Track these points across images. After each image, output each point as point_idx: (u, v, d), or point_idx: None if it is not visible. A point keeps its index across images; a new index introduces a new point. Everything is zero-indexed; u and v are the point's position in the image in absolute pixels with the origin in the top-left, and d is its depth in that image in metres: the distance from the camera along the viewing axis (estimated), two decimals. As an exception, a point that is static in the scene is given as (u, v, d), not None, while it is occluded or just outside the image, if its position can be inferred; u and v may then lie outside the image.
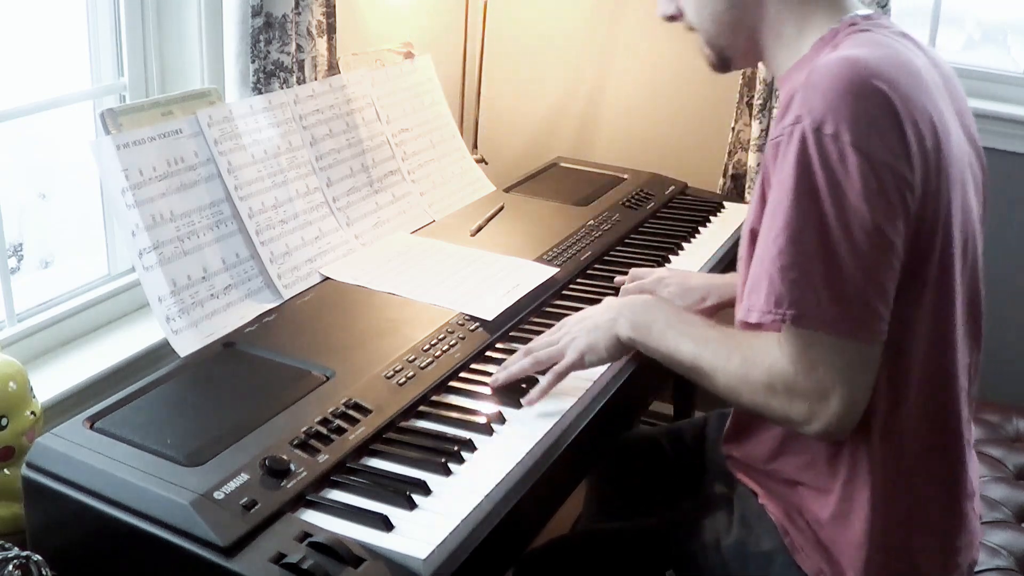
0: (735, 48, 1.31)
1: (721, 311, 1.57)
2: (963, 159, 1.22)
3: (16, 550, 1.10)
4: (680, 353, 1.25)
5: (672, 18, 1.36)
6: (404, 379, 1.34)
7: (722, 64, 1.36)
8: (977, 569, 1.55)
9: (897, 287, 1.13)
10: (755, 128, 2.32)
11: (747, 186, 2.36)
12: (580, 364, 1.33)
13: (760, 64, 1.33)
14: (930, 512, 1.25)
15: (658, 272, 1.66)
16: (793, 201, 1.09)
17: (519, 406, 1.34)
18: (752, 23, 1.27)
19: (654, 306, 1.33)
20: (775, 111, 1.20)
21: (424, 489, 1.15)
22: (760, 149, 2.34)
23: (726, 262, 1.91)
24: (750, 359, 1.17)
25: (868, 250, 1.08)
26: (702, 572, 1.37)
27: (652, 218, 2.04)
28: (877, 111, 1.08)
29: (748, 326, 1.18)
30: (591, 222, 1.94)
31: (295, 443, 1.18)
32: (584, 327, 1.34)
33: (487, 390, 1.37)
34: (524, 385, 1.37)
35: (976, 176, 1.27)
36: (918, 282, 1.15)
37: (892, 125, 1.09)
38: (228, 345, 1.41)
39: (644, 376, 1.52)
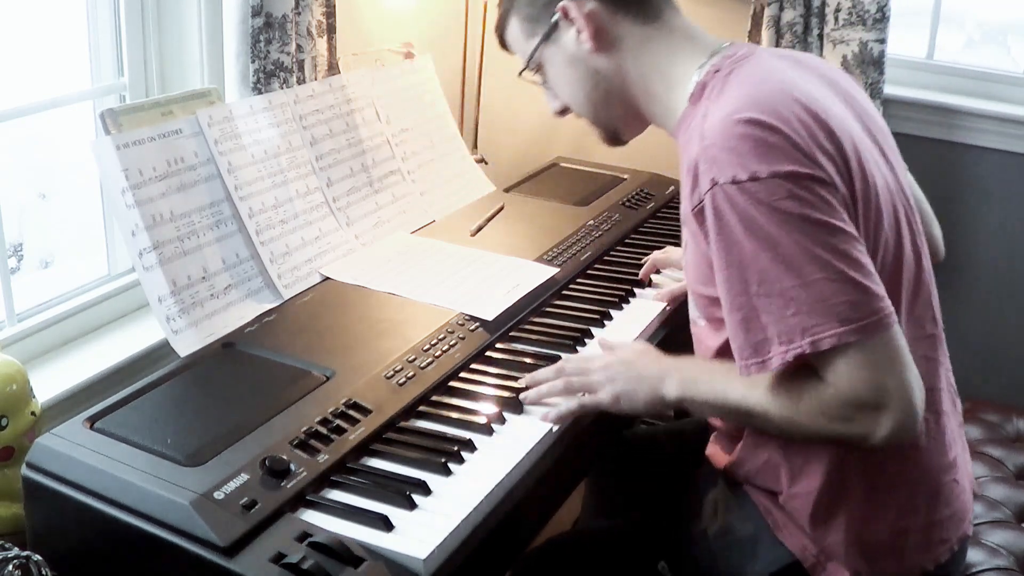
0: (617, 119, 1.38)
1: None
2: (863, 139, 1.23)
3: (16, 550, 1.10)
4: (729, 400, 1.22)
5: (562, 112, 1.44)
6: (404, 379, 1.34)
7: (613, 138, 1.42)
8: (977, 569, 1.55)
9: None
10: (755, 128, 2.32)
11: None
12: (612, 407, 1.31)
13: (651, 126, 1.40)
14: (904, 488, 1.26)
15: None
16: (752, 251, 1.11)
17: (519, 406, 1.34)
18: (621, 91, 1.34)
19: (696, 360, 1.34)
20: (682, 176, 1.24)
21: (424, 489, 1.15)
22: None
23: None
24: (795, 391, 1.15)
25: (840, 251, 1.10)
26: (692, 561, 1.39)
27: (652, 218, 2.04)
28: (775, 140, 1.11)
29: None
30: (591, 222, 1.94)
31: (295, 443, 1.18)
32: (628, 374, 1.31)
33: (487, 390, 1.37)
34: (523, 385, 1.37)
35: (876, 145, 1.28)
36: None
37: (787, 142, 1.11)
38: (228, 345, 1.41)
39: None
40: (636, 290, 1.70)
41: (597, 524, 1.66)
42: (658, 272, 1.74)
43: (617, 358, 1.34)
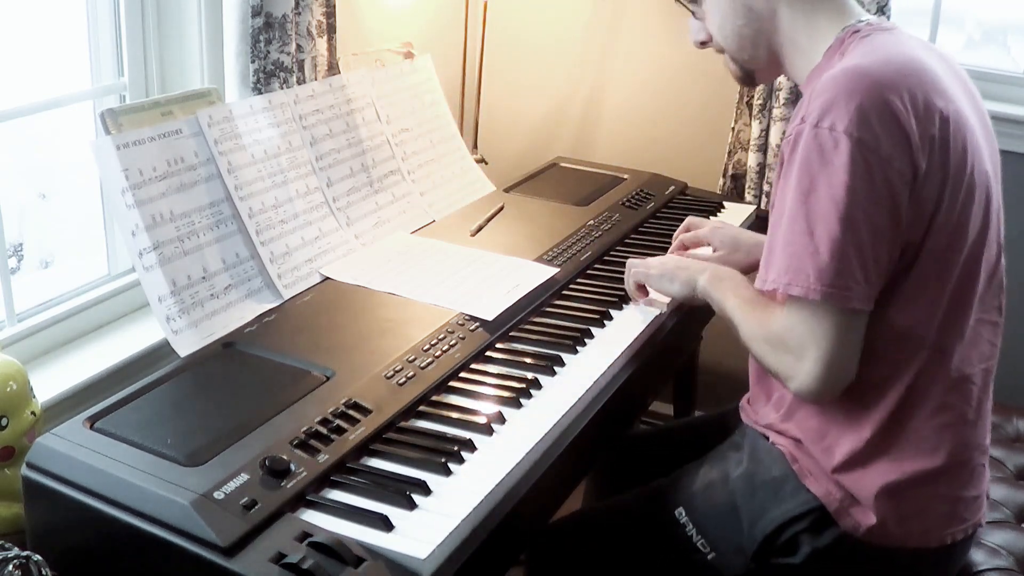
0: (757, 60, 1.42)
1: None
2: (983, 148, 1.31)
3: (16, 550, 1.10)
4: (726, 306, 1.39)
5: (703, 44, 1.47)
6: (404, 379, 1.34)
7: (747, 78, 1.47)
8: (977, 569, 1.55)
9: (912, 259, 1.24)
10: (755, 128, 2.32)
11: (747, 186, 2.36)
12: (652, 283, 1.56)
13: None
14: (943, 453, 1.30)
15: (713, 221, 1.80)
16: (795, 186, 1.22)
17: (519, 406, 1.34)
18: (769, 34, 1.38)
19: (731, 273, 1.47)
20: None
21: (424, 489, 1.15)
22: (760, 149, 2.34)
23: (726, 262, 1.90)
24: (762, 319, 1.31)
25: (859, 224, 1.18)
26: (711, 506, 1.42)
27: (652, 218, 2.04)
28: (872, 108, 1.18)
29: (765, 294, 1.33)
30: (591, 222, 1.94)
31: (295, 443, 1.18)
32: (674, 264, 1.53)
33: (487, 390, 1.38)
34: (523, 385, 1.38)
35: (986, 137, 1.36)
36: (936, 257, 1.25)
37: (889, 120, 1.18)
38: (228, 345, 1.41)
39: (644, 376, 1.52)
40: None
41: (606, 501, 1.67)
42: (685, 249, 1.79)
43: (668, 256, 1.59)
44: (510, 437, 1.28)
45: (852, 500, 1.31)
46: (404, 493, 1.14)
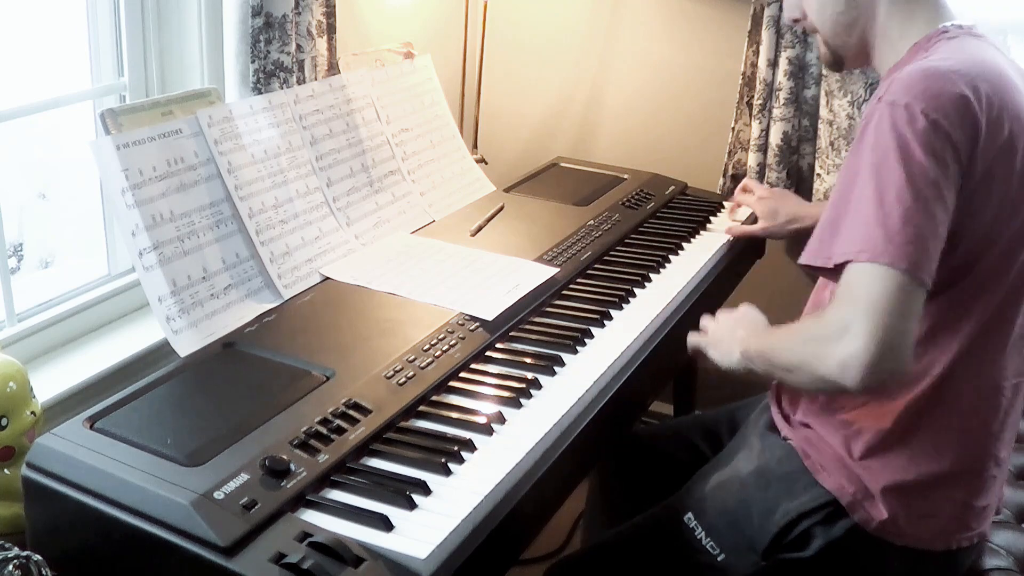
0: (848, 47, 1.43)
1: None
2: None
3: (16, 550, 1.10)
4: (766, 345, 1.34)
5: (796, 21, 1.48)
6: (404, 379, 1.34)
7: (836, 63, 1.47)
8: (977, 569, 1.55)
9: (964, 256, 1.24)
10: (755, 128, 2.32)
11: (747, 186, 2.36)
12: (706, 348, 1.46)
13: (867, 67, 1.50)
14: (957, 463, 1.31)
15: (761, 190, 1.94)
16: (867, 159, 1.21)
17: (519, 406, 1.34)
18: (865, 23, 1.39)
19: (767, 332, 1.41)
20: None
21: (424, 489, 1.15)
22: (760, 149, 2.34)
23: (726, 262, 1.91)
24: (805, 324, 1.29)
25: (928, 198, 1.17)
26: (721, 506, 1.42)
27: (652, 218, 2.04)
28: (948, 97, 1.19)
29: (813, 270, 1.28)
30: (591, 222, 1.94)
31: (295, 443, 1.18)
32: (728, 327, 1.45)
33: (487, 390, 1.38)
34: (523, 385, 1.38)
35: None
36: (992, 264, 1.26)
37: (964, 111, 1.19)
38: (228, 345, 1.41)
39: (644, 376, 1.52)
40: (636, 290, 1.70)
41: (614, 531, 1.67)
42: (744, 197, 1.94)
43: (726, 314, 1.49)
44: (510, 437, 1.28)
45: (865, 493, 1.32)
46: (404, 493, 1.14)
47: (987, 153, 1.21)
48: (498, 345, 1.49)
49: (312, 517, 1.11)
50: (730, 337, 1.42)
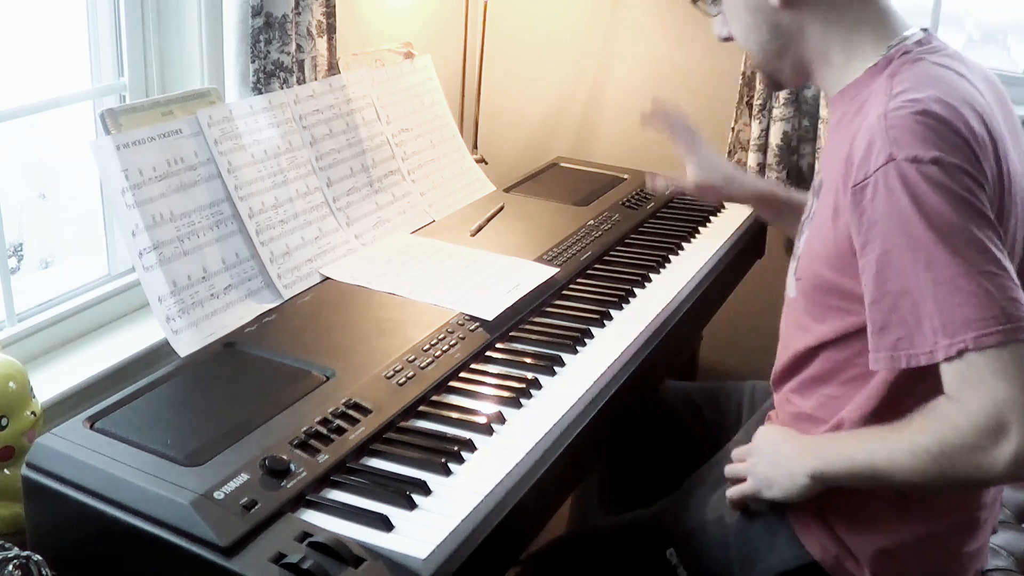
0: (783, 72, 1.35)
1: None
2: (1013, 148, 1.24)
3: (16, 550, 1.10)
4: (857, 460, 1.18)
5: (727, 39, 1.39)
6: (404, 379, 1.34)
7: (774, 85, 1.41)
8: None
9: None
10: (755, 128, 2.32)
11: (747, 186, 2.36)
12: (758, 494, 1.31)
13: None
14: (947, 522, 1.26)
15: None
16: (922, 232, 1.08)
17: (519, 406, 1.34)
18: (797, 50, 1.30)
19: (832, 434, 1.28)
20: (836, 145, 1.23)
21: (424, 489, 1.15)
22: (760, 149, 2.34)
23: (726, 262, 1.91)
24: (917, 428, 1.12)
25: (999, 251, 1.09)
26: (703, 548, 1.39)
27: (652, 218, 2.04)
28: (958, 140, 1.11)
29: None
30: (591, 222, 1.94)
31: (295, 443, 1.18)
32: (764, 462, 1.31)
33: (487, 390, 1.38)
34: (523, 385, 1.38)
35: (1017, 148, 1.29)
36: None
37: (970, 151, 1.11)
38: (228, 345, 1.41)
39: (644, 376, 1.52)
40: (636, 290, 1.70)
41: (603, 520, 1.66)
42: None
43: (759, 443, 1.34)
44: (510, 437, 1.28)
45: (848, 555, 1.27)
46: (404, 493, 1.14)
47: (988, 184, 1.13)
48: (498, 345, 1.49)
49: (312, 517, 1.10)
50: (778, 464, 1.28)
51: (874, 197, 1.11)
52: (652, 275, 1.77)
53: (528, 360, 1.45)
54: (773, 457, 1.29)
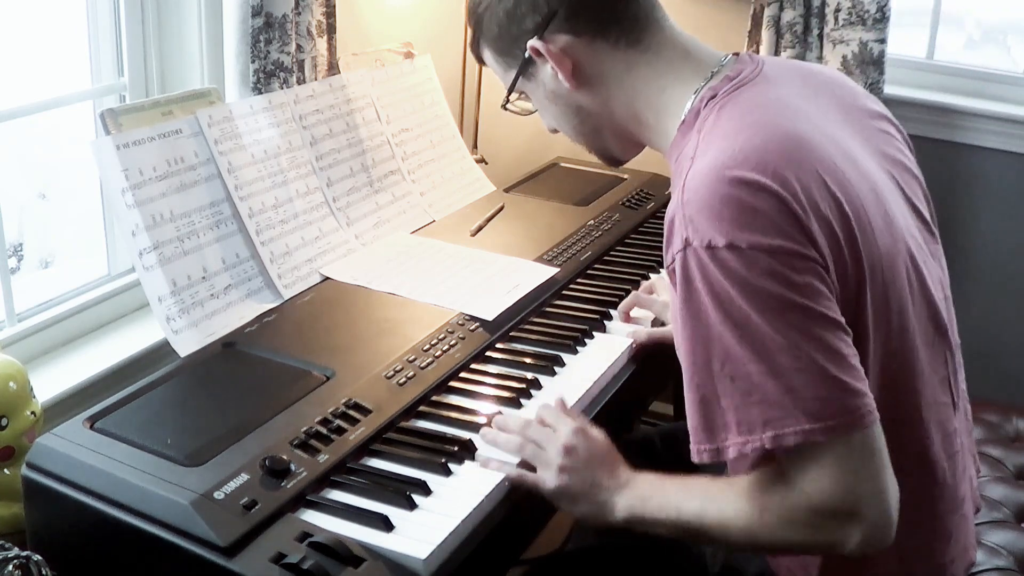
0: (610, 147, 1.29)
1: None
2: (877, 190, 1.13)
3: (16, 550, 1.10)
4: (683, 514, 1.10)
5: (555, 131, 1.33)
6: (404, 379, 1.34)
7: (611, 162, 1.33)
8: (977, 569, 1.55)
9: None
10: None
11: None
12: (550, 497, 1.19)
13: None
14: (918, 534, 1.18)
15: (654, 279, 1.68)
16: (718, 326, 1.00)
17: (519, 406, 1.34)
18: (611, 123, 1.24)
19: (654, 476, 1.18)
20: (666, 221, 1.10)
21: (424, 489, 1.15)
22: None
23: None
24: (756, 498, 1.05)
25: (818, 339, 0.99)
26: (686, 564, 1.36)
27: (652, 218, 2.04)
28: (765, 207, 0.99)
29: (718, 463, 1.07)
30: (591, 222, 1.94)
31: (295, 443, 1.18)
32: (582, 474, 1.18)
33: (487, 390, 1.38)
34: (523, 385, 1.38)
35: (900, 189, 1.20)
36: (862, 333, 1.07)
37: (781, 211, 0.99)
38: (228, 345, 1.41)
39: (644, 376, 1.52)
40: (636, 290, 1.70)
41: (587, 543, 1.65)
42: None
43: (583, 448, 1.19)
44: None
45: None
46: (404, 493, 1.14)
47: (825, 241, 1.01)
48: (498, 345, 1.49)
49: (312, 517, 1.11)
50: (592, 484, 1.17)
51: (676, 283, 1.03)
52: (652, 275, 1.77)
53: (528, 360, 1.45)
54: (589, 474, 1.18)
